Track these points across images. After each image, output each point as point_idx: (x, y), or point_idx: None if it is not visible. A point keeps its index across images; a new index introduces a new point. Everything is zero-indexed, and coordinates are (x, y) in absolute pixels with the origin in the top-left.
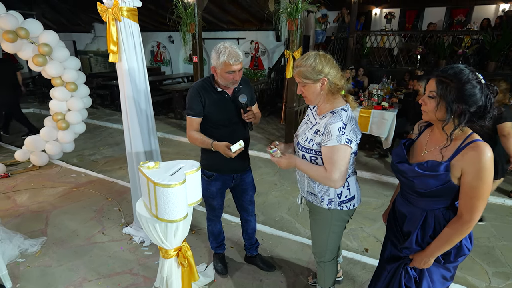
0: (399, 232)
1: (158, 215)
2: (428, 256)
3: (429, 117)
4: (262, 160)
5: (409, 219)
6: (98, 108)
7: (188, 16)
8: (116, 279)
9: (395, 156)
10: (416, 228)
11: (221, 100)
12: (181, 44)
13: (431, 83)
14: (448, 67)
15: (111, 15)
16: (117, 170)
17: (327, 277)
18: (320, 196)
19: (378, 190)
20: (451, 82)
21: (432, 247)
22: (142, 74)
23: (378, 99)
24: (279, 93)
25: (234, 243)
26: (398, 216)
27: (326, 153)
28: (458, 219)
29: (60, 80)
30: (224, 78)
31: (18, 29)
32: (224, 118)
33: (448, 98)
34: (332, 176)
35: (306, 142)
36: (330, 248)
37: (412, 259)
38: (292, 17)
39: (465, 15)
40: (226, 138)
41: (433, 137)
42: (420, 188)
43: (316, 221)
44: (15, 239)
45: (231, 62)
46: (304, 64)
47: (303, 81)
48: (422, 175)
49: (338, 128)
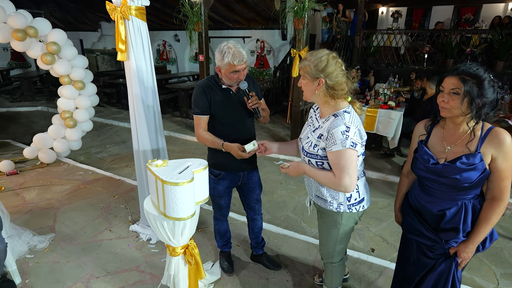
0: (431, 232)
1: (166, 213)
2: (473, 243)
3: (452, 113)
4: (268, 159)
5: (450, 215)
6: (105, 107)
7: (194, 14)
8: (123, 276)
9: (424, 160)
10: (460, 222)
11: (227, 97)
12: (187, 43)
13: (453, 81)
14: (466, 66)
15: (119, 14)
16: (123, 168)
17: (334, 278)
18: (329, 200)
19: (384, 190)
20: (473, 79)
21: (475, 233)
22: (150, 72)
23: (385, 98)
24: (284, 92)
25: (241, 242)
26: (428, 217)
27: (332, 158)
28: (492, 201)
29: (68, 79)
30: (228, 78)
31: (27, 28)
32: (230, 115)
33: (474, 93)
34: (342, 182)
35: (310, 148)
36: (338, 250)
37: (458, 255)
38: (299, 15)
39: (473, 13)
40: (233, 135)
41: (449, 132)
42: (465, 183)
43: (325, 223)
44: (24, 235)
45: (235, 63)
46: (310, 58)
47: (304, 75)
48: (465, 170)
49: (341, 132)
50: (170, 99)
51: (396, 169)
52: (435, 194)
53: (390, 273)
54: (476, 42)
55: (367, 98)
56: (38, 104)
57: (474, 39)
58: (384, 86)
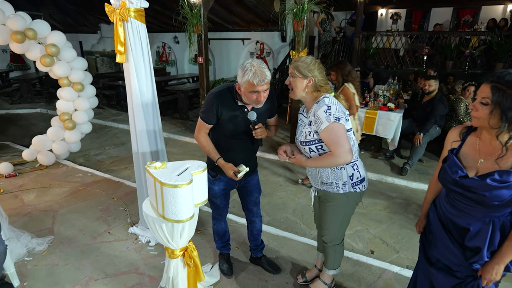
0: (456, 247)
1: (164, 215)
2: (499, 264)
3: (481, 123)
4: (268, 161)
5: (475, 232)
6: (104, 109)
7: (194, 16)
8: (122, 279)
9: (453, 171)
10: (485, 241)
11: (238, 115)
12: (186, 45)
13: (485, 89)
14: (504, 72)
15: (118, 16)
16: (122, 170)
17: (337, 259)
18: (335, 182)
19: (384, 192)
20: (508, 89)
21: (501, 253)
22: (149, 74)
23: (384, 100)
24: (284, 94)
25: (240, 244)
26: (454, 230)
27: (324, 136)
28: None
29: (67, 81)
30: (247, 97)
31: (26, 30)
32: (237, 131)
33: (505, 105)
34: (338, 153)
35: (307, 137)
36: (341, 231)
37: (482, 274)
38: (298, 17)
39: (472, 15)
40: (234, 151)
41: (484, 143)
42: (494, 201)
43: (330, 207)
44: (22, 237)
45: (255, 82)
46: (302, 60)
47: (294, 73)
48: (496, 188)
49: (324, 111)
50: (170, 101)
51: (396, 170)
52: (462, 208)
53: (390, 275)
54: (475, 44)
55: (366, 100)
56: (38, 106)
57: (473, 41)
58: (384, 88)
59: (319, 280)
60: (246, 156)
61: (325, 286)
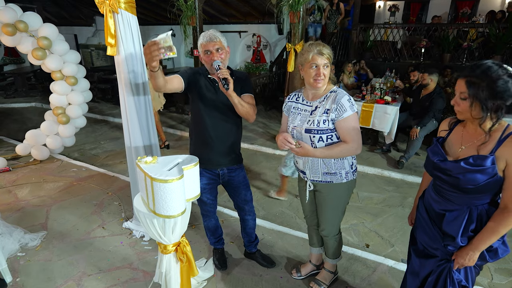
0: (437, 231)
1: (155, 211)
2: (473, 250)
3: (465, 116)
4: (264, 155)
5: (451, 218)
6: (100, 102)
7: (188, 9)
8: (115, 274)
9: (433, 155)
10: (460, 227)
11: (211, 86)
12: (182, 38)
13: (460, 84)
14: (474, 66)
15: (108, 7)
16: (118, 164)
17: (338, 247)
18: (339, 171)
19: (380, 185)
20: (481, 82)
21: (477, 240)
22: (141, 67)
23: (381, 93)
24: (281, 87)
25: (234, 238)
26: (434, 216)
27: (345, 125)
28: (503, 211)
29: (60, 74)
30: (204, 61)
31: (17, 22)
32: (213, 105)
33: (482, 97)
34: (357, 143)
35: (321, 124)
36: (340, 220)
37: (455, 258)
38: (294, 9)
39: (471, 7)
40: (213, 128)
41: (468, 132)
42: (468, 184)
43: (332, 199)
44: (15, 233)
45: (204, 42)
46: (328, 47)
47: (329, 63)
48: (469, 171)
49: (347, 99)
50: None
51: (392, 164)
52: (443, 194)
53: (385, 268)
54: (473, 36)
55: (363, 93)
56: (32, 100)
57: (471, 33)
58: (381, 81)
59: (325, 271)
60: (226, 136)
61: (331, 274)
